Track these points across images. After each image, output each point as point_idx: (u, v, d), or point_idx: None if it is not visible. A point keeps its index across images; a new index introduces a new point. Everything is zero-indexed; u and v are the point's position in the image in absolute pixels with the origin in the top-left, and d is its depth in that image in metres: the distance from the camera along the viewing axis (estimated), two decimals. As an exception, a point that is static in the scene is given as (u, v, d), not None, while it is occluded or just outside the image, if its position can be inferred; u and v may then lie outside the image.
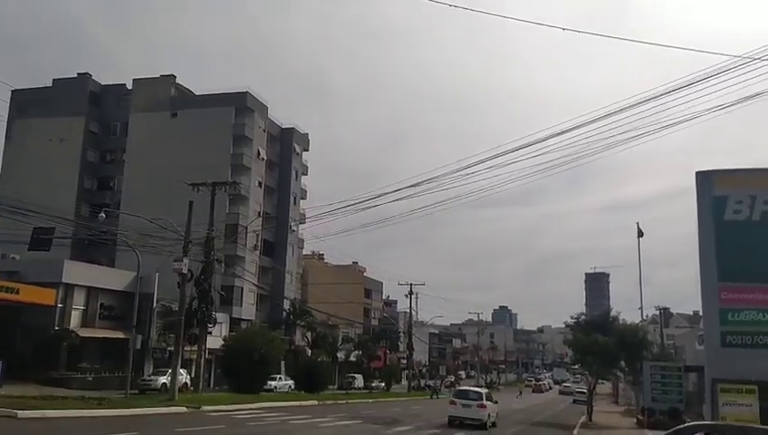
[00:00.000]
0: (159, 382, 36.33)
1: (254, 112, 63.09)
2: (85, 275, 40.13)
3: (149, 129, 61.07)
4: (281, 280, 65.20)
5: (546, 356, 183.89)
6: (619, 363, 40.83)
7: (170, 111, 62.74)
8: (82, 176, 64.17)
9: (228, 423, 21.27)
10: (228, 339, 41.85)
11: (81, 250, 53.81)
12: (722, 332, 16.97)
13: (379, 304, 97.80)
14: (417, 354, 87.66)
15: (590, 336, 36.93)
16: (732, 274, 17.14)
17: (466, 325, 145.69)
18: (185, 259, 29.61)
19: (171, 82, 65.23)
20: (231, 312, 54.85)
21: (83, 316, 39.29)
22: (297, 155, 70.91)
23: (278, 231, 65.57)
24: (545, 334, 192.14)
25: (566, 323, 41.43)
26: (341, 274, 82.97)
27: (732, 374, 16.56)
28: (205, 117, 60.32)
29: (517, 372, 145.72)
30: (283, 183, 68.55)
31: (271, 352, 38.72)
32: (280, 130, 69.19)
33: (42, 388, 29.88)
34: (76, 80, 66.40)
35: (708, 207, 17.70)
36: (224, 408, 27.06)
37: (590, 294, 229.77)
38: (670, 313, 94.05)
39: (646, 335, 40.93)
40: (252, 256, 60.22)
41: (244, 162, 60.83)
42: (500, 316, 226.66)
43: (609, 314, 41.39)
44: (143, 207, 42.57)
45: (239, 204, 59.00)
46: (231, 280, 53.50)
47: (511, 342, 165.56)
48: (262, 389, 39.80)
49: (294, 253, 69.49)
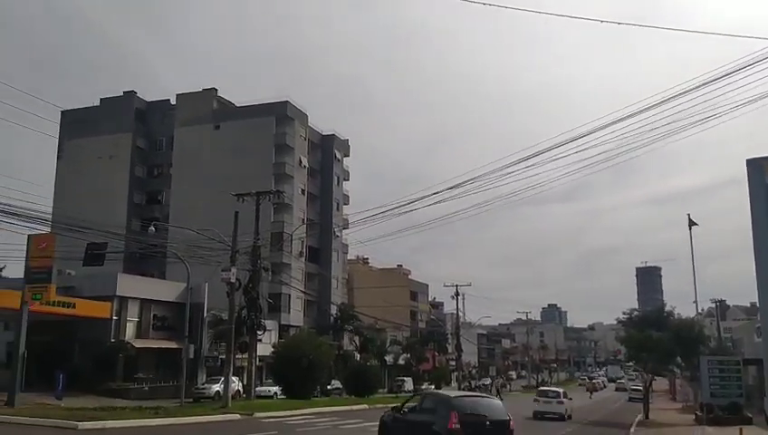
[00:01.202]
0: (213, 390, 36.92)
1: (294, 121, 63.81)
2: (138, 287, 41.21)
3: (194, 142, 62.39)
4: (327, 285, 65.72)
5: (599, 354, 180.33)
6: (675, 359, 39.79)
7: (213, 124, 63.97)
8: (132, 191, 65.87)
9: (281, 429, 21.49)
10: (277, 346, 42.32)
11: (134, 263, 55.22)
12: (781, 323, 16.36)
13: (426, 307, 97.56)
14: (466, 356, 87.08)
15: (644, 332, 36.13)
16: (789, 263, 16.53)
17: (515, 325, 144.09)
18: (232, 268, 30.03)
19: (213, 96, 66.52)
20: (279, 319, 55.48)
21: (137, 328, 40.35)
22: (338, 161, 71.42)
23: (322, 237, 66.15)
24: (597, 332, 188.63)
25: (618, 320, 40.76)
26: (387, 277, 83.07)
27: (794, 367, 15.96)
28: (247, 128, 61.31)
29: (569, 371, 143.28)
30: (326, 190, 69.12)
31: (319, 357, 38.97)
32: (320, 137, 69.81)
33: (100, 399, 30.78)
34: (122, 98, 68.27)
35: (762, 196, 17.04)
36: (276, 414, 27.34)
37: (641, 289, 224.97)
38: (726, 305, 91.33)
39: (702, 329, 39.85)
40: (298, 263, 60.84)
41: (287, 171, 61.54)
42: (549, 315, 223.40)
43: (662, 309, 40.49)
44: (190, 218, 43.48)
45: (283, 212, 59.70)
46: (278, 287, 54.14)
47: (561, 340, 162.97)
48: (312, 394, 40.09)
49: (339, 258, 69.94)
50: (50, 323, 33.87)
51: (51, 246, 25.49)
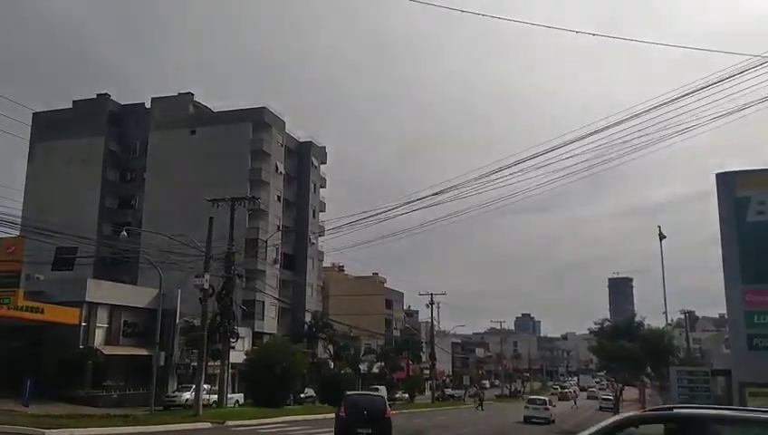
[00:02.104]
0: (183, 398, 36.48)
1: (271, 127, 63.56)
2: (108, 293, 40.58)
3: (169, 147, 61.77)
4: (301, 293, 65.39)
5: (571, 363, 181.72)
6: (644, 369, 40.35)
7: (189, 129, 63.41)
8: (104, 195, 64.97)
9: (252, 438, 21.29)
10: (250, 353, 41.96)
11: (104, 269, 54.36)
12: (748, 334, 16.69)
13: (401, 315, 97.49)
14: (441, 364, 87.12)
15: (615, 342, 36.59)
16: (756, 276, 16.86)
17: (489, 334, 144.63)
18: (206, 275, 29.80)
19: (189, 100, 66.03)
20: (253, 326, 55.02)
21: (107, 334, 39.71)
22: (315, 168, 71.25)
23: (298, 244, 65.83)
24: (569, 341, 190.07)
25: (590, 330, 41.20)
26: (362, 285, 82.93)
27: (760, 377, 16.26)
28: (223, 133, 60.91)
29: (542, 380, 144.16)
30: (302, 196, 68.87)
31: (293, 365, 38.72)
32: (297, 143, 69.61)
33: (68, 406, 30.23)
34: (95, 101, 67.42)
35: (730, 209, 17.44)
36: (248, 423, 27.07)
37: (613, 299, 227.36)
38: (696, 316, 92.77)
39: (671, 340, 40.47)
40: (272, 270, 60.47)
41: (263, 177, 61.23)
42: (523, 324, 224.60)
43: (633, 319, 41.01)
44: (164, 224, 43.03)
45: (258, 218, 59.36)
46: (252, 294, 53.72)
47: (535, 349, 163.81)
48: (285, 402, 39.81)
49: (314, 265, 69.65)
50: (17, 328, 33.23)
51: (20, 249, 25.09)
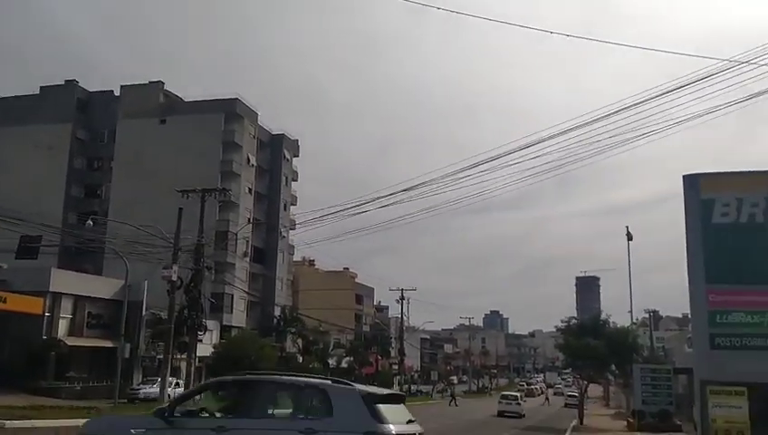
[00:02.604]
0: (147, 391, 36.04)
1: (243, 119, 62.96)
2: (73, 283, 39.86)
3: (138, 135, 60.77)
4: (271, 287, 65.01)
5: (538, 360, 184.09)
6: (609, 367, 41.00)
7: (159, 118, 62.49)
8: (70, 183, 63.80)
9: (218, 431, 21.07)
10: (218, 346, 41.64)
11: (69, 258, 53.41)
12: (711, 334, 16.98)
13: (371, 310, 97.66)
14: (409, 360, 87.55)
15: (581, 340, 37.07)
16: (719, 276, 17.18)
17: (458, 330, 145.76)
18: (174, 266, 29.46)
19: (160, 89, 65.02)
20: (221, 319, 54.57)
21: (71, 325, 39.02)
22: (287, 161, 70.81)
23: (268, 237, 65.43)
24: (537, 339, 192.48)
25: (557, 328, 41.58)
26: (332, 280, 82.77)
27: (721, 376, 16.58)
28: (194, 123, 60.11)
29: (509, 377, 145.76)
30: (273, 189, 68.39)
31: (261, 359, 38.49)
32: (270, 136, 69.06)
33: (30, 398, 29.61)
34: (63, 87, 66.07)
35: (696, 211, 17.73)
36: (214, 416, 26.79)
37: (580, 297, 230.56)
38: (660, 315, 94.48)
39: (636, 338, 41.13)
40: (242, 263, 60.00)
41: (234, 169, 60.64)
42: (491, 321, 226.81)
43: (599, 317, 41.54)
44: (131, 214, 42.30)
45: (229, 210, 58.80)
46: (221, 287, 53.22)
47: (502, 346, 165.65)
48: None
49: (285, 259, 69.30)
50: (-22, 317, 32.47)
51: (-19, 237, 24.43)
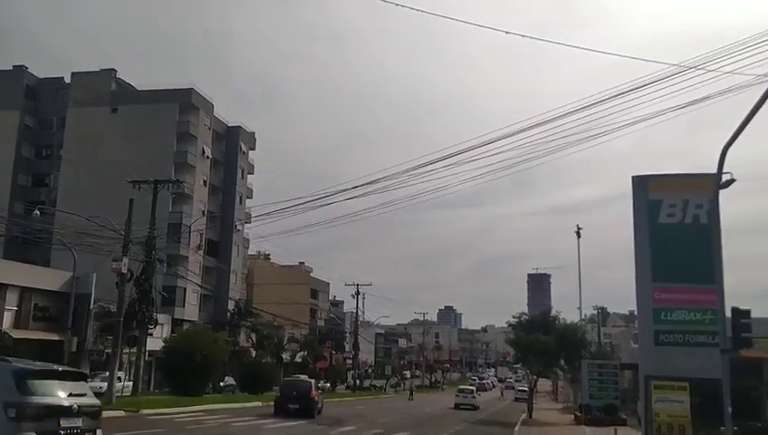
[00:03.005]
0: (101, 387, 35.20)
1: (199, 110, 61.94)
2: (18, 274, 38.53)
3: (88, 124, 59.25)
4: (225, 280, 64.23)
5: (490, 355, 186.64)
6: (558, 362, 41.92)
7: (110, 106, 61.07)
8: (16, 172, 61.97)
9: (168, 427, 20.78)
10: (169, 340, 40.97)
11: (15, 249, 51.79)
12: (655, 331, 17.52)
13: (326, 305, 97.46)
14: (363, 354, 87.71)
15: (532, 336, 37.80)
16: (665, 275, 17.73)
17: (412, 325, 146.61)
18: (124, 259, 28.85)
19: (112, 77, 63.47)
20: (173, 313, 53.73)
21: (16, 317, 37.72)
22: (243, 154, 69.96)
23: (223, 231, 64.60)
24: (489, 334, 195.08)
25: (509, 323, 42.22)
26: (288, 274, 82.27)
27: (664, 372, 17.12)
28: (147, 113, 58.90)
29: (461, 372, 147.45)
30: (229, 182, 67.51)
31: (213, 353, 38.04)
32: (226, 128, 68.13)
33: (-30, 393, 28.58)
34: (11, 72, 64.09)
35: (643, 211, 18.23)
36: (164, 411, 26.42)
37: (532, 294, 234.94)
38: (608, 312, 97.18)
39: (584, 334, 42.18)
40: (195, 256, 59.10)
41: (189, 160, 59.64)
42: (445, 316, 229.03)
43: (549, 313, 42.41)
44: (81, 204, 41.38)
45: (183, 203, 57.83)
46: (173, 280, 52.35)
47: (455, 341, 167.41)
48: (204, 391, 39.10)
49: (239, 253, 68.55)
50: None
51: None
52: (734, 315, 14.42)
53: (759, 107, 12.75)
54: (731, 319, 14.50)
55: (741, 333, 14.21)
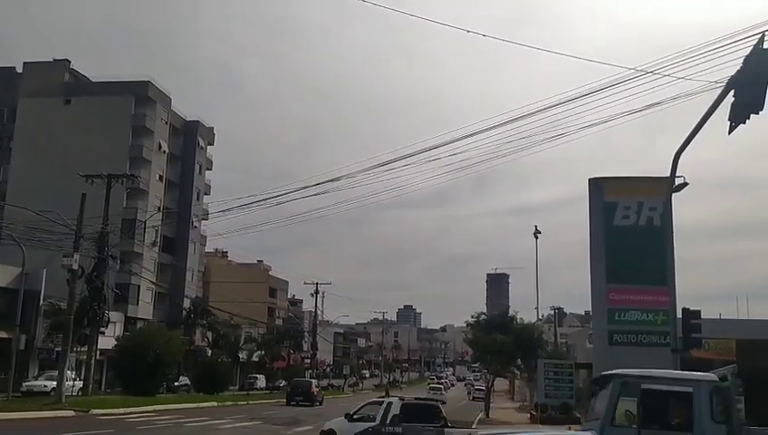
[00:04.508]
0: (45, 385, 34.23)
1: (155, 103, 60.66)
2: (-37, 270, 37.27)
3: (40, 115, 57.48)
4: (181, 278, 63.11)
5: (448, 355, 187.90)
6: (515, 361, 42.34)
7: (64, 98, 59.42)
8: (-37, 163, 59.72)
9: (119, 428, 20.28)
10: (122, 339, 40.05)
11: (-40, 243, 49.91)
12: (609, 331, 17.81)
13: (284, 304, 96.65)
14: (322, 354, 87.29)
15: (490, 335, 38.10)
16: (619, 276, 18.05)
17: (371, 324, 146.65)
18: (75, 255, 28.05)
19: (65, 67, 61.74)
20: (126, 311, 52.55)
21: (-40, 314, 36.45)
22: (201, 149, 68.83)
23: (179, 227, 63.39)
24: (448, 333, 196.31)
25: (467, 323, 42.47)
26: (246, 272, 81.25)
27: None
28: (102, 105, 57.44)
29: (420, 371, 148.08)
30: (186, 178, 66.33)
31: (167, 352, 37.26)
32: (184, 122, 66.91)
33: None
34: (-42, 60, 61.75)
35: (599, 213, 18.53)
36: (115, 411, 25.81)
37: (490, 294, 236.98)
38: (564, 313, 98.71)
39: (541, 334, 42.70)
40: (150, 253, 57.93)
41: (144, 155, 58.38)
42: (405, 316, 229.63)
43: (507, 313, 42.82)
44: (31, 198, 40.15)
45: (137, 198, 56.57)
46: (127, 277, 51.16)
47: (414, 341, 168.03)
48: (158, 391, 38.33)
49: (196, 250, 67.41)
50: None
51: None
52: (685, 316, 14.74)
53: (710, 114, 13.04)
54: (682, 320, 14.81)
55: (691, 334, 14.53)
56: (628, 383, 9.14)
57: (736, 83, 11.93)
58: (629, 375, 9.51)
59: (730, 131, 12.23)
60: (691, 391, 8.96)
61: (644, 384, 9.13)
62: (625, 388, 9.08)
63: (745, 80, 11.65)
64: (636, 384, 9.08)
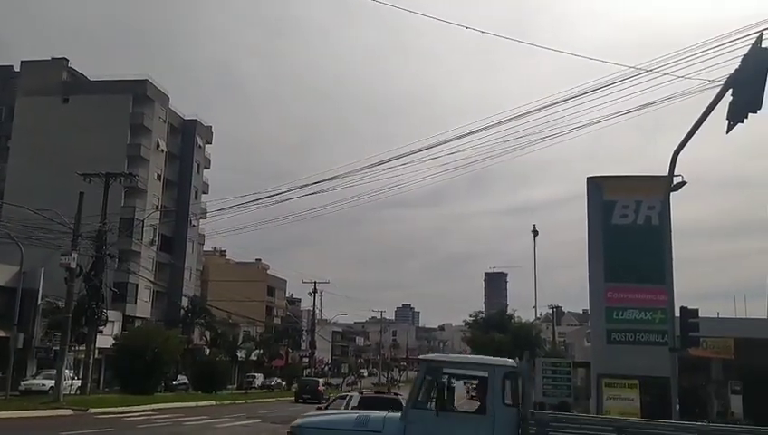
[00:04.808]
0: (43, 384, 34.21)
1: (153, 102, 60.65)
2: (-39, 268, 37.23)
3: (38, 114, 57.44)
4: (179, 277, 63.10)
5: (446, 353, 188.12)
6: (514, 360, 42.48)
7: (62, 97, 59.40)
8: (-39, 162, 59.63)
9: (117, 426, 20.25)
10: (120, 338, 40.05)
11: (-43, 242, 49.85)
12: (607, 329, 17.81)
13: (283, 303, 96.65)
14: (320, 353, 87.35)
15: (488, 334, 38.26)
16: (617, 275, 18.04)
17: (370, 323, 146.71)
18: (73, 253, 28.03)
19: (63, 66, 61.71)
20: (124, 310, 52.55)
21: (-42, 313, 36.40)
22: (199, 148, 68.81)
23: (177, 226, 63.38)
24: (446, 332, 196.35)
25: (465, 322, 42.62)
26: (244, 271, 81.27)
27: (616, 370, 17.43)
28: (100, 104, 57.38)
29: (417, 370, 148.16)
30: (184, 176, 66.32)
31: (165, 351, 37.29)
32: (182, 121, 66.88)
33: None
34: (-45, 58, 61.67)
35: (597, 212, 18.52)
36: (113, 410, 25.80)
37: (489, 293, 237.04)
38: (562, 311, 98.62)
39: (539, 333, 42.85)
40: (148, 252, 57.90)
41: (142, 153, 58.35)
42: (403, 314, 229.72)
43: (505, 312, 42.99)
44: (29, 197, 40.18)
45: (136, 197, 56.58)
46: (125, 276, 51.12)
47: (413, 339, 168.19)
48: (156, 389, 38.36)
49: (194, 249, 67.41)
50: None
51: None
52: (683, 315, 14.73)
53: (708, 113, 13.03)
54: (679, 318, 14.80)
55: (689, 332, 14.52)
56: (432, 368, 9.53)
57: (735, 82, 11.93)
58: (434, 360, 10.11)
59: (728, 130, 12.23)
60: (486, 376, 9.28)
61: (446, 369, 9.65)
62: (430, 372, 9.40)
63: (744, 79, 11.65)
64: (439, 368, 9.51)
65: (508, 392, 9.17)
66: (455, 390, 10.20)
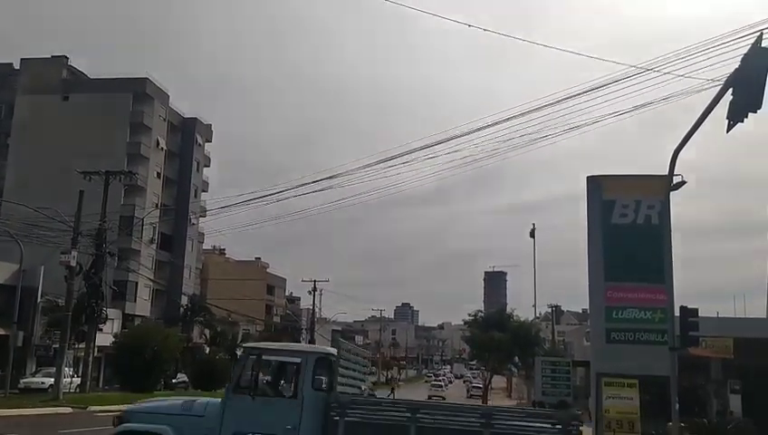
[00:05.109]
0: (44, 382, 34.25)
1: (153, 100, 60.64)
2: (-39, 266, 37.23)
3: (38, 112, 57.45)
4: (179, 275, 63.11)
5: (446, 352, 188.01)
6: (513, 359, 42.51)
7: (62, 95, 59.40)
8: (-40, 160, 59.64)
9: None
10: (119, 336, 40.07)
11: (-43, 240, 49.85)
12: (606, 328, 17.76)
13: (282, 301, 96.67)
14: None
15: (488, 333, 38.24)
16: (617, 274, 17.98)
17: (369, 322, 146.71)
18: (73, 251, 28.07)
19: (63, 64, 61.71)
20: (124, 308, 52.55)
21: (-43, 311, 36.40)
22: (199, 146, 68.82)
23: (177, 224, 63.41)
24: (445, 331, 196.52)
25: (465, 321, 42.61)
26: (243, 269, 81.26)
27: (615, 369, 17.39)
28: (100, 102, 57.39)
29: (417, 369, 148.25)
30: (184, 174, 66.33)
31: (165, 349, 37.34)
32: (182, 119, 66.89)
33: None
34: (-45, 56, 61.65)
35: (597, 211, 18.46)
36: (113, 408, 25.71)
37: (488, 291, 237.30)
38: (561, 310, 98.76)
39: (538, 332, 42.83)
40: (148, 250, 57.92)
41: (142, 151, 58.36)
42: (402, 313, 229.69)
43: (505, 311, 42.99)
44: (29, 195, 40.27)
45: (135, 195, 56.59)
46: (124, 275, 51.14)
47: (412, 338, 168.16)
48: (155, 387, 38.38)
49: (194, 247, 67.43)
50: None
51: None
52: (683, 314, 14.74)
53: (708, 112, 13.04)
54: (679, 318, 14.82)
55: (688, 332, 14.54)
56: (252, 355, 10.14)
57: (735, 82, 11.93)
58: (255, 347, 10.81)
59: (728, 130, 12.23)
60: (299, 362, 9.88)
61: (264, 356, 10.32)
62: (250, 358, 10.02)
63: (744, 78, 11.65)
64: (258, 355, 10.13)
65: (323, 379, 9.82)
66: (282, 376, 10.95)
